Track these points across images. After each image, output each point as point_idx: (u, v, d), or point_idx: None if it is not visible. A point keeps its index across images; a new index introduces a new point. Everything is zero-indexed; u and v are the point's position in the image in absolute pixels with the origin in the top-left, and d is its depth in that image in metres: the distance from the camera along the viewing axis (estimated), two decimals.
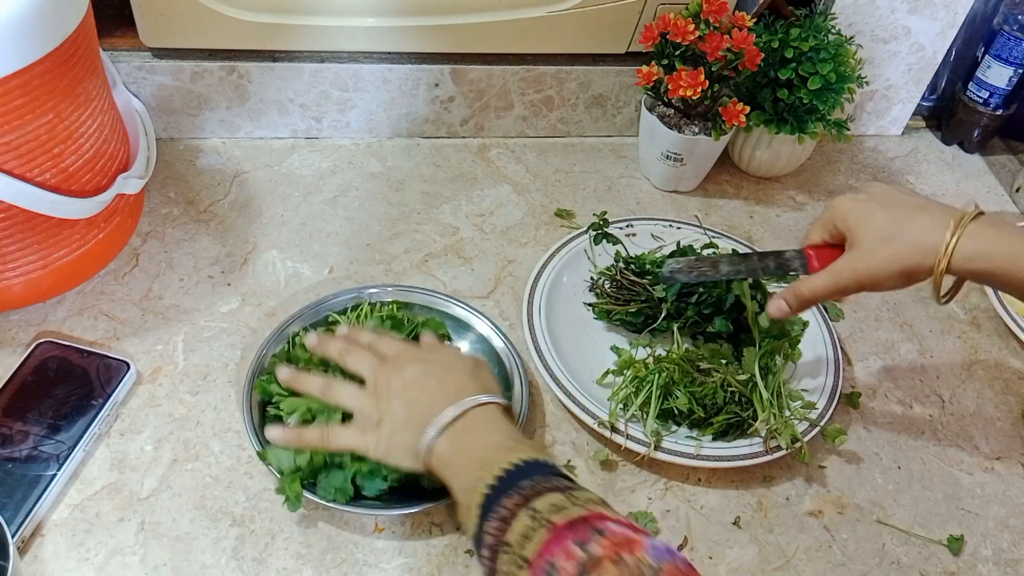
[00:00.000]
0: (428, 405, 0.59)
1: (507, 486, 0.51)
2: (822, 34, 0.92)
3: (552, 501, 0.48)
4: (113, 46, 0.90)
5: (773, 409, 0.71)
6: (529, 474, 0.52)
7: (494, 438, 0.57)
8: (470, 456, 0.55)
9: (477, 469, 0.53)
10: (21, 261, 0.68)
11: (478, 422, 0.58)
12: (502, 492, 0.51)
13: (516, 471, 0.52)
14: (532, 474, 0.52)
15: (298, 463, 0.62)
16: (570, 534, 0.46)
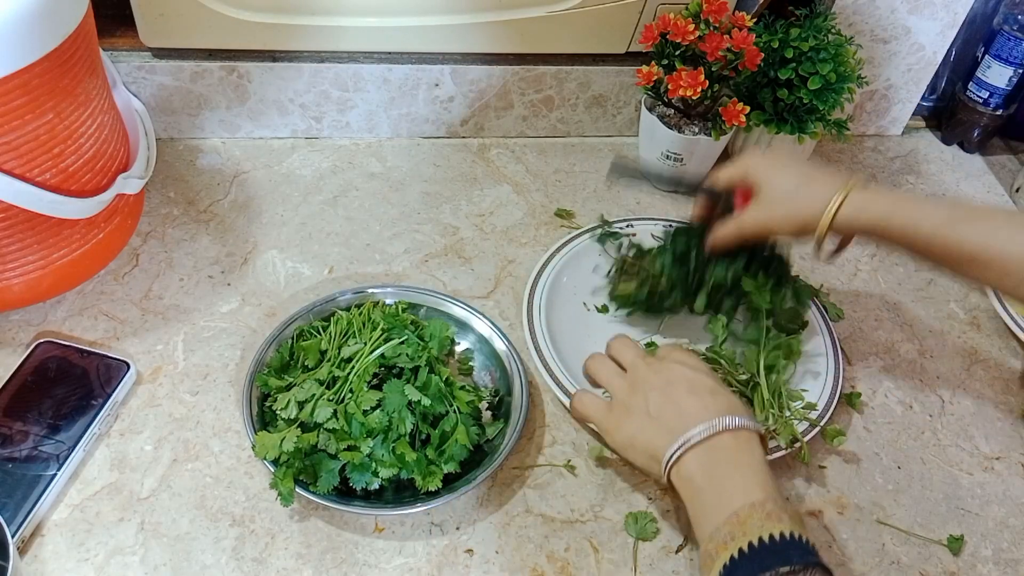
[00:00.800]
0: (679, 415, 0.57)
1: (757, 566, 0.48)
2: (822, 34, 0.92)
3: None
4: (113, 46, 0.90)
5: (772, 409, 0.71)
6: (787, 557, 0.48)
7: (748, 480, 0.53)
8: (718, 489, 0.53)
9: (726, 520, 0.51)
10: (21, 261, 0.68)
11: (730, 449, 0.55)
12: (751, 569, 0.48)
13: (772, 547, 0.49)
14: (790, 558, 0.48)
15: (283, 450, 0.62)
16: None
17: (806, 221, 0.66)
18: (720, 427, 0.55)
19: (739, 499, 0.52)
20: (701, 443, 0.55)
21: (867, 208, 0.64)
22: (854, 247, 0.94)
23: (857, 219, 0.65)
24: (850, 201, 0.64)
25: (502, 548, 0.65)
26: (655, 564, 0.65)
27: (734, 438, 0.56)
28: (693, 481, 0.55)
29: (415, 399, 0.65)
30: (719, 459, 0.55)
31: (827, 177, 0.67)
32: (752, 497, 0.52)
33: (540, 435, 0.73)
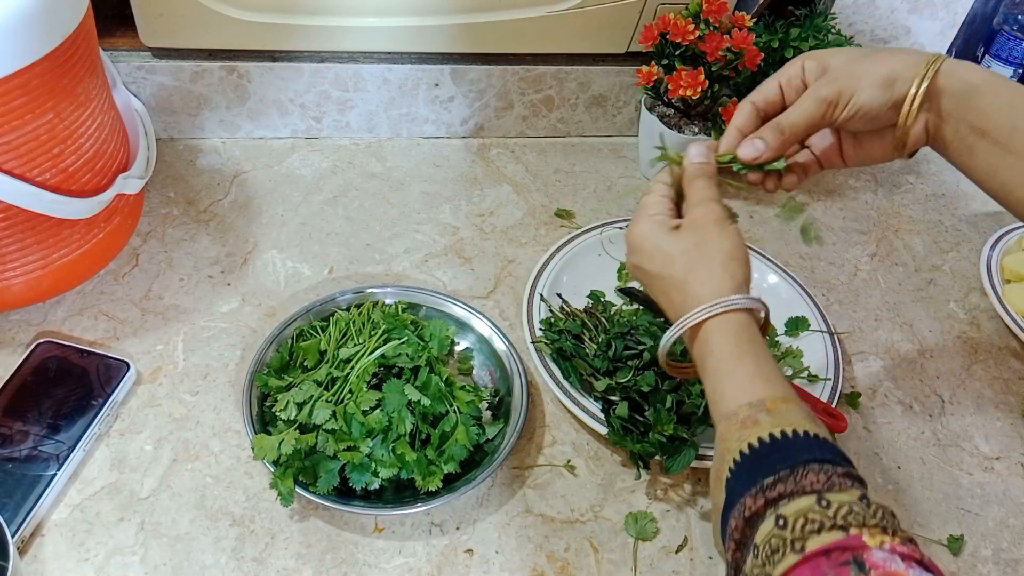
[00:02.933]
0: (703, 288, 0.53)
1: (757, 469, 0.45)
2: (822, 34, 0.92)
3: (803, 510, 0.42)
4: (113, 46, 0.90)
5: None
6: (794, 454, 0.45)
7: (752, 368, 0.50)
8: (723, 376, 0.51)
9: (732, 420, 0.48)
10: (21, 261, 0.68)
11: (743, 334, 0.51)
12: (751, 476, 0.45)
13: (772, 446, 0.46)
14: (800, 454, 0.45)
15: (282, 452, 0.62)
16: (825, 564, 0.39)
17: (894, 72, 0.54)
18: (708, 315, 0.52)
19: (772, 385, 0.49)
20: (693, 331, 0.52)
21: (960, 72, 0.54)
22: (856, 247, 0.94)
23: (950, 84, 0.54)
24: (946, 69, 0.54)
25: (502, 548, 0.65)
26: (655, 564, 0.65)
27: (733, 322, 0.52)
28: (700, 362, 0.52)
29: (415, 399, 0.65)
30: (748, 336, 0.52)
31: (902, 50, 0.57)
32: (785, 391, 0.49)
33: (540, 435, 0.73)
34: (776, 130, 0.57)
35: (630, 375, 0.72)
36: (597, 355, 0.74)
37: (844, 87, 0.55)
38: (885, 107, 0.55)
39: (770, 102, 0.59)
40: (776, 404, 0.48)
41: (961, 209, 1.05)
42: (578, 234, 0.88)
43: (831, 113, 0.56)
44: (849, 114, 0.56)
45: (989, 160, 0.54)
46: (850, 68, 0.55)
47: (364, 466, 0.64)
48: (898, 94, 0.55)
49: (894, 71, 0.54)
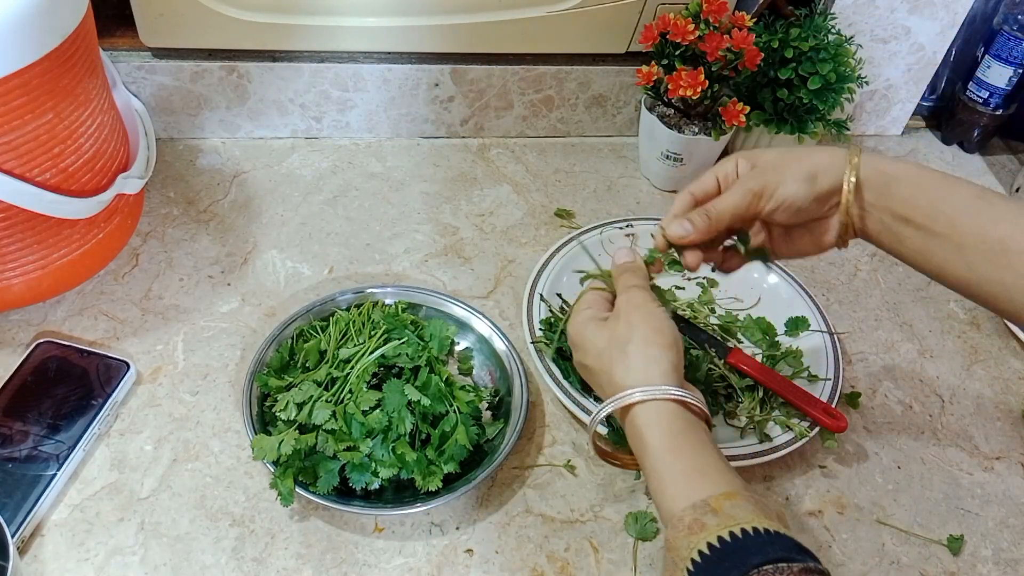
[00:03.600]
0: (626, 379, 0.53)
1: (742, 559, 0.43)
2: (822, 34, 0.92)
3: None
4: (113, 46, 0.90)
5: (754, 403, 0.72)
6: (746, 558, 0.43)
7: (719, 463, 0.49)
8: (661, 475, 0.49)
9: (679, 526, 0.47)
10: (21, 261, 0.68)
11: (676, 426, 0.51)
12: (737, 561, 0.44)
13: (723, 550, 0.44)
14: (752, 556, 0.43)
15: (282, 452, 0.62)
16: None
17: (815, 167, 0.57)
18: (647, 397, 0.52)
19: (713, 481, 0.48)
20: (628, 412, 0.52)
21: (877, 165, 0.56)
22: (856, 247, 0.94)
23: (869, 177, 0.56)
24: (867, 156, 0.56)
25: (502, 548, 0.65)
26: (655, 564, 0.65)
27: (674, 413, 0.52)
28: (636, 443, 0.52)
29: (415, 399, 0.65)
30: (681, 427, 0.51)
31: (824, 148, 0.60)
32: (729, 484, 0.48)
33: (540, 435, 0.73)
34: (703, 214, 0.60)
35: None
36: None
37: (769, 180, 0.58)
38: (808, 200, 0.57)
39: (707, 193, 0.62)
40: (720, 502, 0.47)
41: None
42: (578, 234, 0.88)
43: (756, 204, 0.59)
44: (774, 205, 0.58)
45: (917, 245, 0.56)
46: (776, 164, 0.58)
47: (364, 466, 0.64)
48: (820, 188, 0.57)
49: (815, 166, 0.57)
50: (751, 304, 0.84)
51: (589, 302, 0.62)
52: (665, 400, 0.52)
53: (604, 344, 0.56)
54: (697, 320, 0.80)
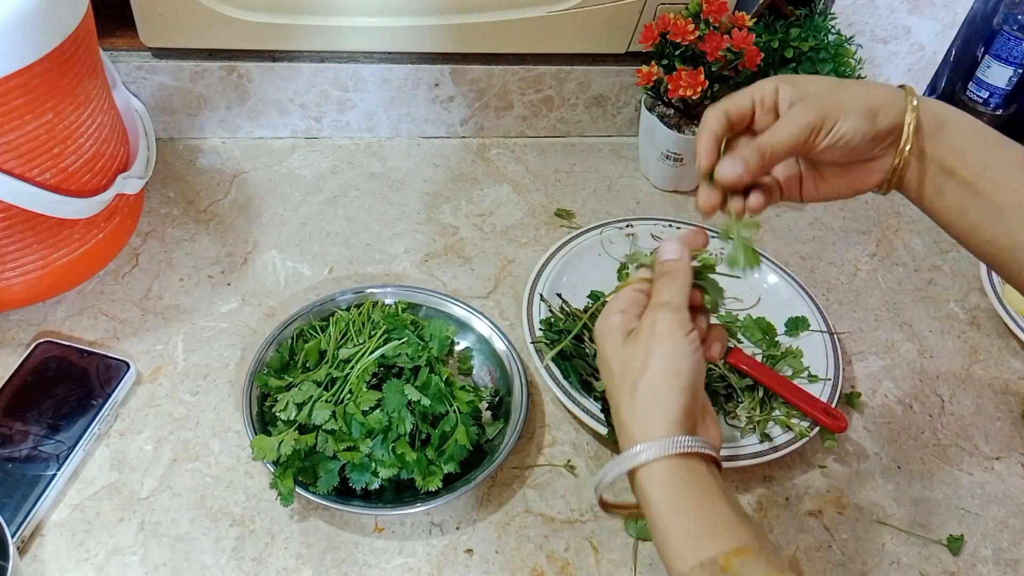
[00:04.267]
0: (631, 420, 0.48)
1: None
2: (822, 34, 0.92)
3: None
4: (113, 46, 0.90)
5: (754, 402, 0.72)
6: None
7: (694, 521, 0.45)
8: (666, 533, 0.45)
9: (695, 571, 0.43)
10: (21, 261, 0.68)
11: (680, 480, 0.46)
12: None
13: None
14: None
15: (281, 452, 0.62)
16: None
17: (876, 102, 0.52)
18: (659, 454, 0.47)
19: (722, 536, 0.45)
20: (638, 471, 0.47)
21: (931, 107, 0.52)
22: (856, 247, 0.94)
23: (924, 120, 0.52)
24: (922, 104, 0.52)
25: (502, 548, 0.65)
26: (655, 564, 0.65)
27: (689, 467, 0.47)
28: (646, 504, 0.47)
29: (415, 399, 0.65)
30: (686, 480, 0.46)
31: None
32: (739, 538, 0.44)
33: (540, 435, 0.73)
34: (758, 152, 0.52)
35: None
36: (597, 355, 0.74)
37: (828, 113, 0.52)
38: (867, 137, 0.52)
39: (742, 115, 0.55)
40: (730, 560, 0.43)
41: None
42: (578, 234, 0.88)
43: (813, 139, 0.52)
44: (831, 141, 0.52)
45: (956, 201, 0.53)
46: (832, 95, 0.52)
47: (364, 466, 0.64)
48: (880, 125, 0.52)
49: (876, 101, 0.52)
50: (751, 304, 0.84)
51: (623, 303, 0.53)
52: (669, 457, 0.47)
53: (618, 368, 0.50)
54: None
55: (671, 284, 0.51)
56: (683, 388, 0.48)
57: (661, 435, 0.47)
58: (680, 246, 0.53)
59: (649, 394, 0.48)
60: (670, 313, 0.50)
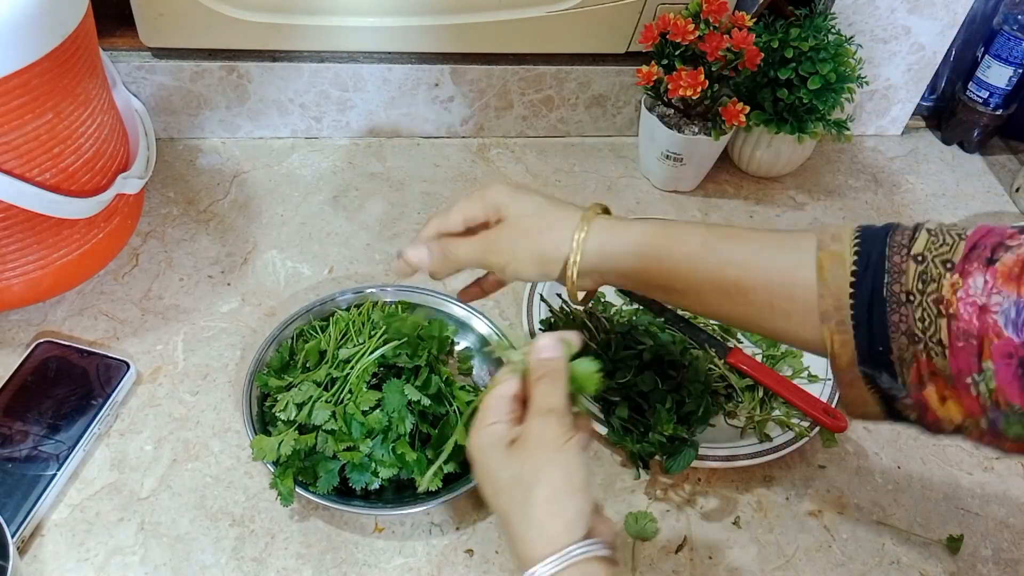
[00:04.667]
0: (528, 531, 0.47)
1: None
2: (822, 34, 0.92)
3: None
4: (113, 46, 0.90)
5: (754, 402, 0.72)
6: None
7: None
8: None
9: None
10: (21, 261, 0.68)
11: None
12: None
13: None
14: None
15: (281, 453, 0.62)
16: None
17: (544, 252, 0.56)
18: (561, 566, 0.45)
19: None
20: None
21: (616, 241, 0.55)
22: None
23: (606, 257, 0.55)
24: (594, 235, 0.55)
25: (502, 548, 0.65)
26: (655, 564, 0.65)
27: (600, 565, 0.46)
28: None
29: (415, 399, 0.65)
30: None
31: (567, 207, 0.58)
32: None
33: None
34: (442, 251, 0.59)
35: (630, 375, 0.72)
36: (597, 355, 0.74)
37: (501, 256, 0.57)
38: (536, 275, 0.58)
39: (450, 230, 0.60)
40: None
41: (961, 209, 1.05)
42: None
43: (489, 267, 0.59)
44: (503, 274, 0.58)
45: (657, 295, 0.56)
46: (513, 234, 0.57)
47: (364, 466, 0.64)
48: (547, 269, 0.57)
49: (544, 251, 0.56)
50: None
51: (495, 413, 0.51)
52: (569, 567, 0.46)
53: (506, 482, 0.48)
54: (697, 320, 0.80)
55: (555, 387, 0.51)
56: (578, 488, 0.48)
57: (562, 544, 0.46)
58: (558, 343, 0.53)
59: (545, 502, 0.47)
60: (558, 419, 0.49)
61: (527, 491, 0.47)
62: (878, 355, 0.45)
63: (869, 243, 0.47)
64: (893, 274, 0.45)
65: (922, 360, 0.44)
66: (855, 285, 0.46)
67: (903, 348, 0.44)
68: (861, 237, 0.48)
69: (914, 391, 0.45)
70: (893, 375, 0.45)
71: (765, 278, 0.50)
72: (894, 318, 0.44)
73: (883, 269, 0.45)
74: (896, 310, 0.44)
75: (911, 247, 0.45)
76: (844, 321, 0.46)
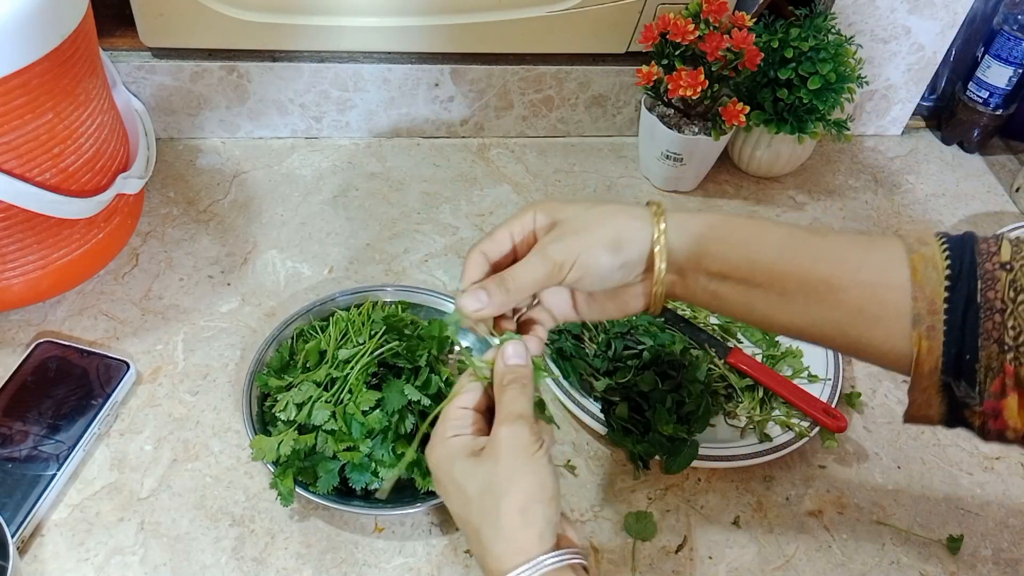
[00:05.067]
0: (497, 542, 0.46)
1: None
2: (822, 34, 0.92)
3: None
4: (113, 46, 0.90)
5: (754, 402, 0.72)
6: None
7: None
8: None
9: None
10: (21, 261, 0.68)
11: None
12: None
13: None
14: None
15: (281, 453, 0.62)
16: None
17: (620, 234, 0.51)
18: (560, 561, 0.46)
19: None
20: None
21: (683, 225, 0.51)
22: None
23: (678, 241, 0.51)
24: (671, 217, 0.51)
25: None
26: (655, 564, 0.65)
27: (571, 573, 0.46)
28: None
29: (415, 399, 0.65)
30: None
31: (628, 207, 0.53)
32: None
33: None
34: (502, 286, 0.52)
35: (630, 375, 0.72)
36: (597, 355, 0.74)
37: (571, 248, 0.51)
38: (614, 269, 0.52)
39: (501, 252, 0.55)
40: None
41: (961, 209, 1.05)
42: None
43: (559, 273, 0.51)
44: (578, 275, 0.51)
45: (739, 299, 0.51)
46: (578, 226, 0.52)
47: (364, 466, 0.64)
48: (626, 257, 0.51)
49: (620, 233, 0.51)
50: None
51: (455, 426, 0.50)
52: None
53: (476, 492, 0.47)
54: (697, 320, 0.80)
55: (523, 394, 0.50)
56: (549, 498, 0.47)
57: (534, 554, 0.45)
58: (525, 349, 0.52)
59: (515, 512, 0.46)
60: (529, 426, 0.48)
61: (498, 500, 0.46)
62: (963, 363, 0.44)
63: (958, 248, 0.46)
64: (987, 280, 0.44)
65: (1008, 369, 0.43)
66: (950, 289, 0.45)
67: (992, 357, 0.43)
68: (949, 241, 0.46)
69: (992, 400, 0.44)
70: (972, 384, 0.44)
71: (856, 278, 0.47)
72: (987, 325, 0.43)
73: (976, 275, 0.44)
74: (990, 317, 0.43)
75: (999, 253, 0.44)
76: (936, 326, 0.45)
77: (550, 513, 0.47)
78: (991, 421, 0.45)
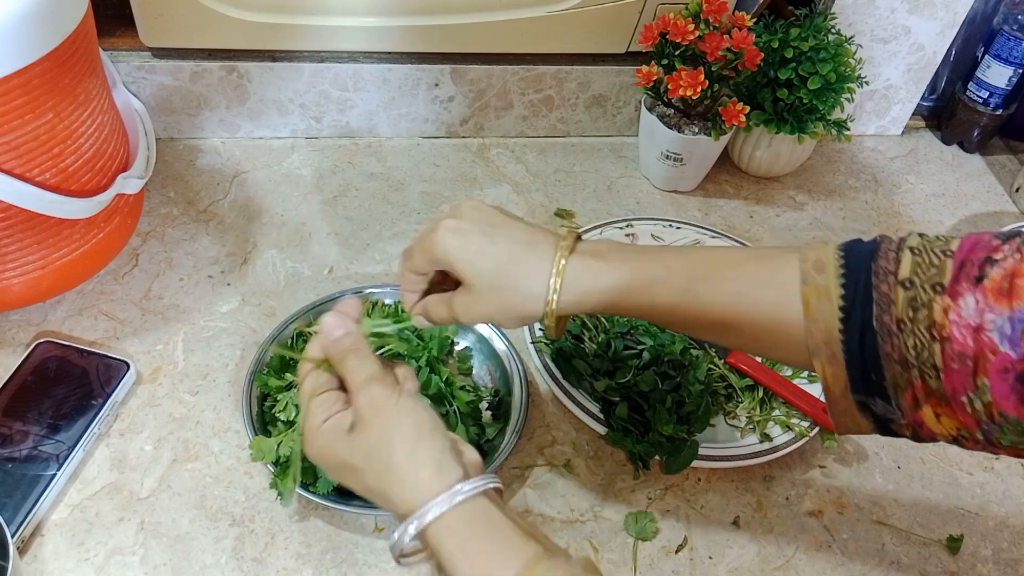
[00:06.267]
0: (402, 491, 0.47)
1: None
2: (822, 34, 0.92)
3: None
4: (113, 46, 0.90)
5: (754, 402, 0.72)
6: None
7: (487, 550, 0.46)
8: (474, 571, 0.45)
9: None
10: (21, 261, 0.68)
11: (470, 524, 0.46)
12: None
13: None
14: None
15: (280, 453, 0.62)
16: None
17: (525, 315, 0.53)
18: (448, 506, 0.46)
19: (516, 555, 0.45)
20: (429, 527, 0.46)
21: (594, 285, 0.52)
22: None
23: (585, 302, 0.52)
24: (569, 282, 0.51)
25: None
26: (655, 564, 0.65)
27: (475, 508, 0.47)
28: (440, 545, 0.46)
29: None
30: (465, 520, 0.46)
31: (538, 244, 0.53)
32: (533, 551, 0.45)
33: (540, 435, 0.73)
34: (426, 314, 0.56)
35: (630, 375, 0.72)
36: (597, 355, 0.74)
37: (483, 319, 0.54)
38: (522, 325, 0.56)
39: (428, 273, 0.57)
40: (532, 572, 0.44)
41: (961, 209, 1.05)
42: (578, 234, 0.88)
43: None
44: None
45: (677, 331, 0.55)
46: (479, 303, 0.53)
47: None
48: (531, 320, 0.53)
49: (522, 308, 0.52)
50: None
51: (323, 411, 0.51)
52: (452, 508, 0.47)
53: (363, 461, 0.48)
54: None
55: (362, 359, 0.51)
56: (432, 433, 0.49)
57: (440, 488, 0.47)
58: (341, 318, 0.53)
59: (408, 460, 0.47)
60: (380, 383, 0.50)
61: (386, 458, 0.48)
62: (871, 383, 0.45)
63: (854, 271, 0.46)
64: (882, 304, 0.44)
65: (917, 384, 0.43)
66: (844, 320, 0.45)
67: (897, 375, 0.43)
68: (846, 264, 0.46)
69: (909, 413, 0.44)
70: (887, 400, 0.44)
71: (749, 319, 0.49)
72: (886, 348, 0.43)
73: (871, 299, 0.44)
74: (887, 340, 0.43)
75: (897, 272, 0.44)
76: (836, 354, 0.45)
77: (437, 444, 0.48)
78: (920, 429, 0.45)
